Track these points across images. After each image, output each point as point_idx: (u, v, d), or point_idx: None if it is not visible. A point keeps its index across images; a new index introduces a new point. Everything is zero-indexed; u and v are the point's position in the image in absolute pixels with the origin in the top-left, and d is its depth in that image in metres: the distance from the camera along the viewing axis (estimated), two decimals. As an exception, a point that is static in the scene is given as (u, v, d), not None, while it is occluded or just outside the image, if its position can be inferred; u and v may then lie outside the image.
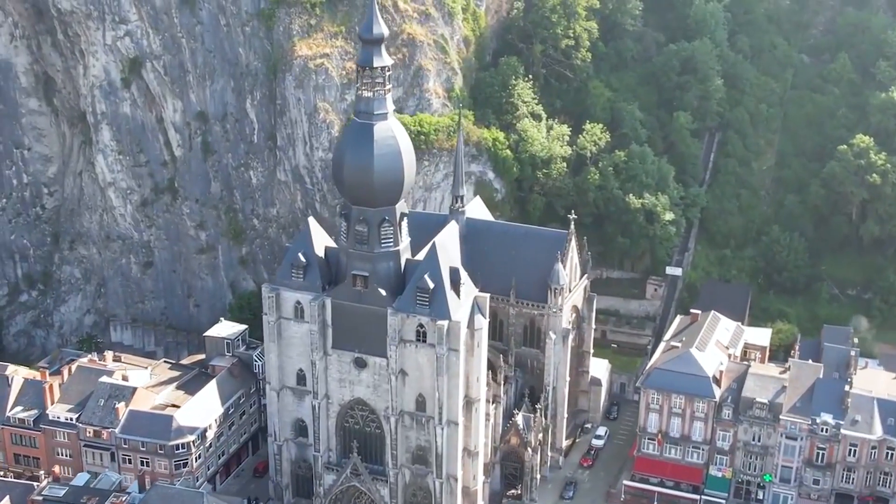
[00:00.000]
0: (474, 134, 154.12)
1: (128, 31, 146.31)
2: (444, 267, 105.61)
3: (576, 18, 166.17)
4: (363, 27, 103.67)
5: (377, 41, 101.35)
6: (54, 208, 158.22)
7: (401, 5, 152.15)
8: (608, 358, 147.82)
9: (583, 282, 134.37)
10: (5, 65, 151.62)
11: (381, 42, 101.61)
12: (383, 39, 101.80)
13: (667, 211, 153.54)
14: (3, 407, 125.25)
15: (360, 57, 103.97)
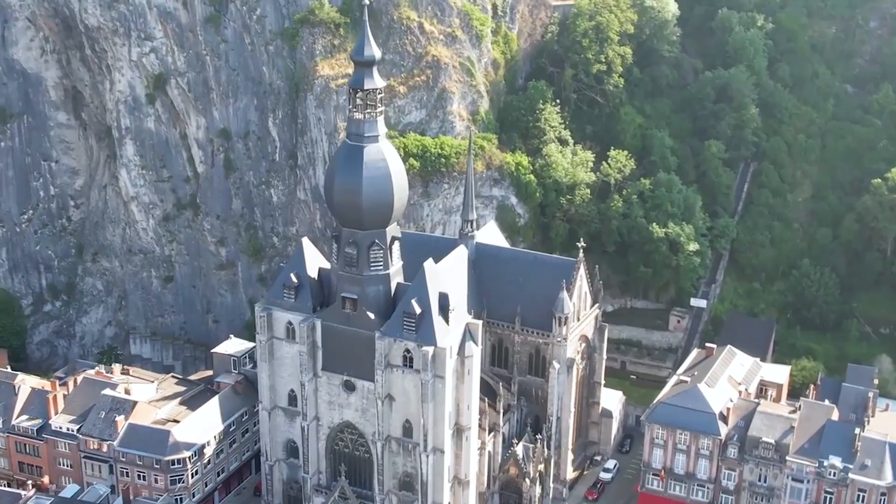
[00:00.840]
0: (497, 158, 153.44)
1: (153, 47, 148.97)
2: (432, 292, 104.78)
3: (608, 43, 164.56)
4: (355, 49, 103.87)
5: (369, 63, 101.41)
6: (80, 220, 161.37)
7: (427, 27, 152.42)
8: (624, 389, 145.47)
9: (593, 311, 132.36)
10: (35, 78, 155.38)
11: (373, 64, 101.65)
12: (375, 62, 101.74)
13: (691, 241, 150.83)
14: (9, 415, 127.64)
15: (351, 79, 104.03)
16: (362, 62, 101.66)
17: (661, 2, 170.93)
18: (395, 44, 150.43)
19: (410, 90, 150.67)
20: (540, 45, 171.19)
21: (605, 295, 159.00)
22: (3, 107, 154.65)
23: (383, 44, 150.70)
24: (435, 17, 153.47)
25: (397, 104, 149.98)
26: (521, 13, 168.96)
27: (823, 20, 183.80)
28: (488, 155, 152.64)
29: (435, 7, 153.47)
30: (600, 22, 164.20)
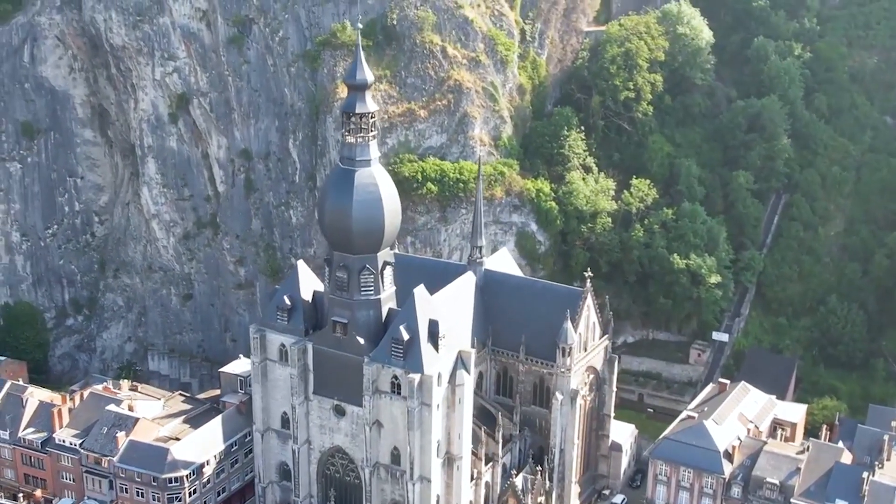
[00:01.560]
0: (517, 184, 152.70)
1: (176, 67, 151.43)
2: (421, 318, 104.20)
3: (637, 70, 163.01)
4: (348, 72, 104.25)
5: (361, 87, 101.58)
6: (103, 236, 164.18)
7: (450, 51, 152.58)
8: (639, 423, 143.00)
9: (603, 342, 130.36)
10: (63, 95, 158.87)
11: (366, 88, 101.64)
12: (367, 86, 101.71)
13: (713, 274, 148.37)
14: (16, 427, 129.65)
15: (344, 102, 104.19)
16: (354, 86, 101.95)
17: (694, 29, 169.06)
18: (417, 67, 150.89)
19: (431, 114, 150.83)
20: (570, 70, 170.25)
21: (626, 325, 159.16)
22: (30, 123, 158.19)
23: (405, 67, 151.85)
24: (459, 41, 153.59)
25: (417, 128, 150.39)
26: (551, 38, 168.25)
27: (864, 50, 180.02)
28: (508, 181, 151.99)
29: (459, 31, 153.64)
30: (629, 48, 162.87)
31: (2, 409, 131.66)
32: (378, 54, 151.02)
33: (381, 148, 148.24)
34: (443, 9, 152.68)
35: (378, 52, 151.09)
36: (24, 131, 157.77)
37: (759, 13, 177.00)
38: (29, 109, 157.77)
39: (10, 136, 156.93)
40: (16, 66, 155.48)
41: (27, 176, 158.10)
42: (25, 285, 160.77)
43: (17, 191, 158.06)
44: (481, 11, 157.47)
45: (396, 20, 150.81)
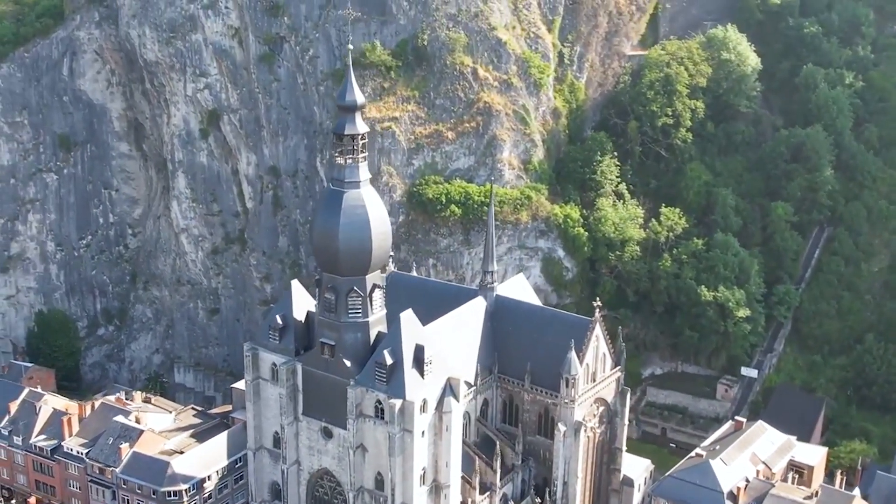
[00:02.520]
0: (544, 209, 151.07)
1: (207, 83, 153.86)
2: (406, 343, 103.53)
3: (676, 96, 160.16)
4: (339, 94, 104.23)
5: (350, 108, 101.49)
6: (136, 248, 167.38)
7: (480, 73, 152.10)
8: (660, 458, 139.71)
9: (614, 374, 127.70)
10: (101, 109, 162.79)
11: (356, 110, 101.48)
12: (357, 107, 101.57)
13: (741, 307, 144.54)
14: (29, 433, 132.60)
15: (335, 123, 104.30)
16: (345, 107, 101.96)
17: (740, 55, 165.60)
18: (447, 89, 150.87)
19: (459, 136, 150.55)
20: (611, 95, 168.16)
21: (654, 357, 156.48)
22: (68, 135, 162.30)
23: (434, 88, 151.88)
24: (491, 63, 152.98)
25: (445, 150, 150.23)
26: (591, 62, 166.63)
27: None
28: (535, 205, 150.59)
29: (492, 53, 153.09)
30: (669, 74, 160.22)
31: (17, 416, 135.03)
32: (407, 75, 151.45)
33: (406, 169, 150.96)
34: (475, 30, 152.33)
35: (407, 73, 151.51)
36: (61, 143, 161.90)
37: (811, 40, 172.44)
38: (67, 122, 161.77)
39: (48, 148, 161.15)
40: (55, 80, 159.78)
41: (63, 187, 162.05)
42: (59, 294, 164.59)
43: (53, 201, 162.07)
44: (516, 34, 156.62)
45: (427, 41, 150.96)
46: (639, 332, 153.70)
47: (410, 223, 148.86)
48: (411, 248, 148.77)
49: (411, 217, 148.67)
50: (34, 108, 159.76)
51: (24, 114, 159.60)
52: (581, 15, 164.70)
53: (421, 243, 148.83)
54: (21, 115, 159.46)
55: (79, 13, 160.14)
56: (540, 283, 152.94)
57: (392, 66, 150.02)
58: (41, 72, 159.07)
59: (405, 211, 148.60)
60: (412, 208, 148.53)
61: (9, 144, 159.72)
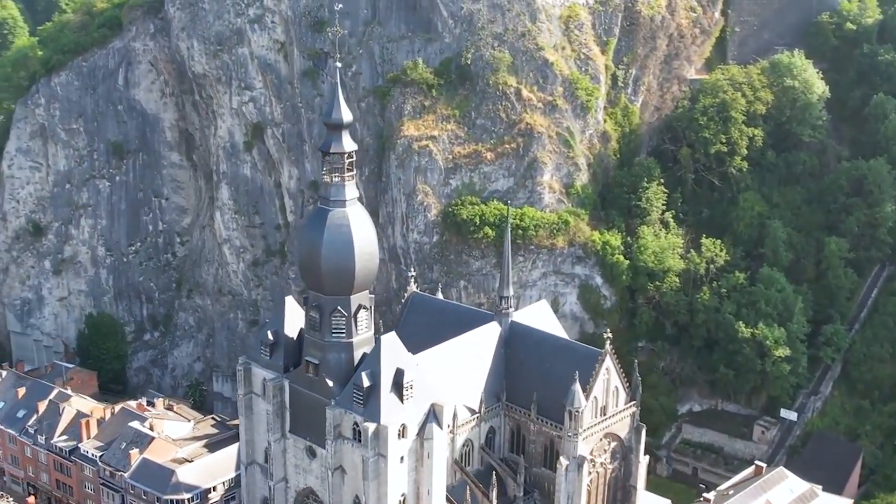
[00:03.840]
0: (582, 234, 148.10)
1: (252, 97, 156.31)
2: (386, 366, 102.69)
3: (732, 123, 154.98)
4: (325, 111, 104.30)
5: (336, 126, 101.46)
6: (183, 257, 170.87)
7: (524, 94, 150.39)
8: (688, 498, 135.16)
9: (629, 409, 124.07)
10: (154, 119, 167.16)
11: (342, 128, 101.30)
12: (343, 125, 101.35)
13: (780, 346, 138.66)
14: (52, 434, 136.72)
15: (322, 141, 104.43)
16: (330, 125, 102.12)
17: (805, 82, 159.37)
18: (488, 109, 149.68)
19: (498, 157, 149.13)
20: (669, 120, 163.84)
21: (693, 393, 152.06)
22: (121, 143, 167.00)
23: (476, 108, 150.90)
24: (536, 83, 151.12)
25: (483, 170, 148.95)
26: (648, 85, 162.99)
27: None
28: (573, 230, 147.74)
29: (537, 73, 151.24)
30: (724, 100, 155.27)
31: (43, 416, 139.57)
32: (449, 94, 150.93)
33: (443, 189, 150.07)
34: (521, 50, 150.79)
35: (450, 92, 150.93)
36: (114, 151, 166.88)
37: (885, 68, 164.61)
38: (120, 130, 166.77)
39: (102, 155, 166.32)
40: (111, 89, 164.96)
41: (115, 194, 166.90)
42: (108, 298, 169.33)
43: (105, 207, 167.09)
44: (566, 54, 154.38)
45: (471, 60, 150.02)
46: (675, 367, 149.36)
47: (444, 243, 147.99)
48: (443, 268, 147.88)
49: (445, 237, 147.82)
50: (90, 115, 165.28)
51: (80, 121, 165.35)
52: (638, 36, 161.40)
53: (453, 264, 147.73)
54: (77, 122, 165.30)
55: (135, 24, 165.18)
56: (576, 310, 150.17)
57: (434, 84, 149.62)
58: (98, 81, 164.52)
59: (439, 231, 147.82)
60: (446, 228, 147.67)
61: (65, 150, 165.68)
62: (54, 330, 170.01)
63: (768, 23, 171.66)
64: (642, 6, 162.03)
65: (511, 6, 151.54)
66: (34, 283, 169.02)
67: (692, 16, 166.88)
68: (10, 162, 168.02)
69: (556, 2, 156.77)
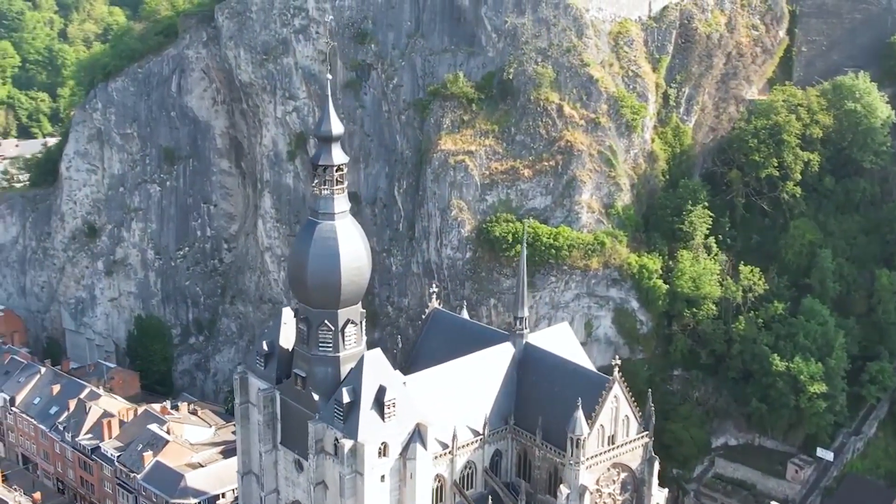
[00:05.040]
0: (618, 256, 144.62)
1: (296, 107, 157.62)
2: (367, 383, 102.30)
3: (785, 147, 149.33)
4: (316, 124, 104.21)
5: (326, 139, 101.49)
6: (229, 263, 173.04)
7: (566, 110, 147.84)
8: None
9: (640, 439, 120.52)
10: (205, 126, 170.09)
11: (330, 141, 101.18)
12: (333, 138, 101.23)
13: (816, 382, 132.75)
14: (78, 432, 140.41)
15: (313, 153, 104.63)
16: (319, 137, 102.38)
17: (868, 106, 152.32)
18: (528, 125, 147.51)
19: (536, 174, 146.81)
20: (725, 141, 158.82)
21: (729, 426, 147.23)
22: (172, 149, 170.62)
23: (515, 124, 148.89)
24: (579, 100, 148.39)
25: (520, 188, 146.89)
26: (702, 105, 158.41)
27: None
28: (609, 252, 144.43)
29: (581, 90, 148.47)
30: (777, 122, 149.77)
31: (72, 414, 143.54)
32: (490, 108, 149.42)
33: (479, 205, 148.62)
34: (565, 66, 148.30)
35: (490, 107, 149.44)
36: (165, 156, 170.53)
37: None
38: (172, 136, 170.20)
39: (153, 160, 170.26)
40: (164, 95, 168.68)
41: (165, 198, 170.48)
42: (156, 300, 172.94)
43: (155, 211, 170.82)
44: (613, 71, 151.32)
45: (513, 75, 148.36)
46: (710, 398, 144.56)
47: (476, 260, 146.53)
48: (474, 286, 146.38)
49: (478, 254, 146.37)
50: (143, 121, 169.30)
51: (134, 126, 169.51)
52: (694, 54, 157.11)
53: (484, 282, 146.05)
54: (131, 127, 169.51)
55: (188, 32, 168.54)
56: (611, 334, 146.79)
57: (474, 98, 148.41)
58: (152, 87, 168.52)
59: (472, 247, 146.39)
60: (479, 245, 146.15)
61: (119, 155, 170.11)
62: (105, 330, 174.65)
63: (837, 43, 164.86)
64: (699, 23, 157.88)
65: (557, 21, 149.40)
66: (88, 283, 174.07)
67: (754, 34, 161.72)
68: (69, 164, 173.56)
69: (606, 17, 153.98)
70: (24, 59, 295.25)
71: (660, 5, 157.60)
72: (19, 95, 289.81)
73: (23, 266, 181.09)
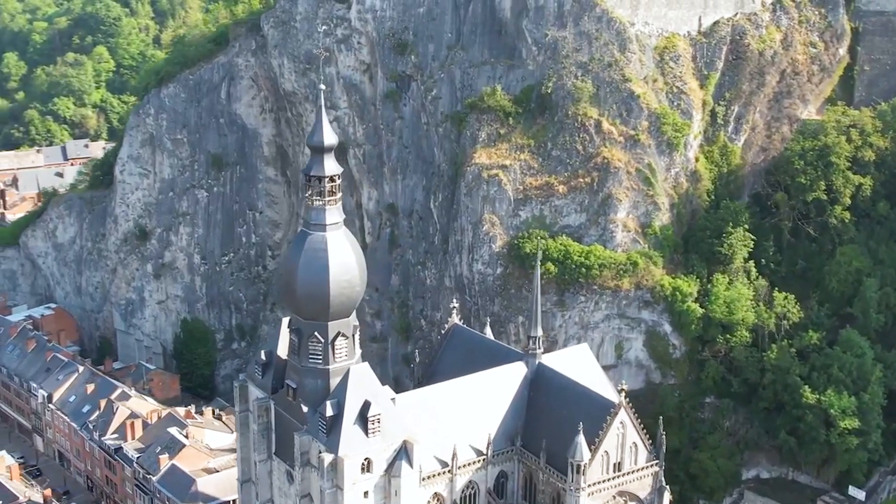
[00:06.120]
0: (650, 278, 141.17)
1: (337, 116, 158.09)
2: (352, 397, 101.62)
3: (834, 170, 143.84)
4: (309, 134, 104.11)
5: (319, 149, 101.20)
6: (273, 270, 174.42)
7: (605, 126, 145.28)
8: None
9: (650, 468, 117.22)
10: (253, 133, 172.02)
11: (323, 151, 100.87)
12: (324, 149, 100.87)
13: (848, 417, 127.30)
14: (104, 432, 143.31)
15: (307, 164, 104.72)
16: (312, 147, 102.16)
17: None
18: (565, 140, 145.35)
19: (571, 191, 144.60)
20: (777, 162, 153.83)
21: (761, 458, 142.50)
22: (220, 156, 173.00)
23: (552, 139, 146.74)
24: (619, 116, 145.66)
25: (554, 204, 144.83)
26: (753, 124, 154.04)
27: None
28: (642, 272, 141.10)
29: (621, 106, 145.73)
30: (826, 143, 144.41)
31: (101, 413, 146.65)
32: (527, 122, 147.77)
33: (511, 220, 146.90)
34: (606, 81, 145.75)
35: (528, 121, 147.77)
36: (214, 162, 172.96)
37: None
38: (220, 143, 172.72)
39: (202, 166, 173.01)
40: (213, 102, 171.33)
41: (212, 204, 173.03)
42: (201, 305, 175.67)
43: (202, 217, 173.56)
44: (656, 87, 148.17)
45: (552, 88, 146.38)
46: (740, 428, 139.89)
47: (507, 276, 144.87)
48: (504, 302, 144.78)
49: (508, 270, 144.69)
50: (193, 127, 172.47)
51: (183, 132, 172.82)
52: (745, 71, 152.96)
53: (513, 299, 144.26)
54: (181, 132, 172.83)
55: (238, 40, 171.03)
56: (642, 357, 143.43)
57: (511, 111, 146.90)
58: (202, 94, 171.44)
59: (503, 263, 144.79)
60: (510, 261, 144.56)
61: (170, 160, 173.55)
62: (153, 331, 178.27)
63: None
64: (751, 39, 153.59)
65: (599, 35, 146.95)
66: (137, 285, 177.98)
67: (811, 52, 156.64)
68: (123, 168, 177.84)
69: (652, 31, 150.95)
70: (118, 64, 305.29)
71: (710, 20, 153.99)
72: (112, 99, 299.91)
73: (79, 266, 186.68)
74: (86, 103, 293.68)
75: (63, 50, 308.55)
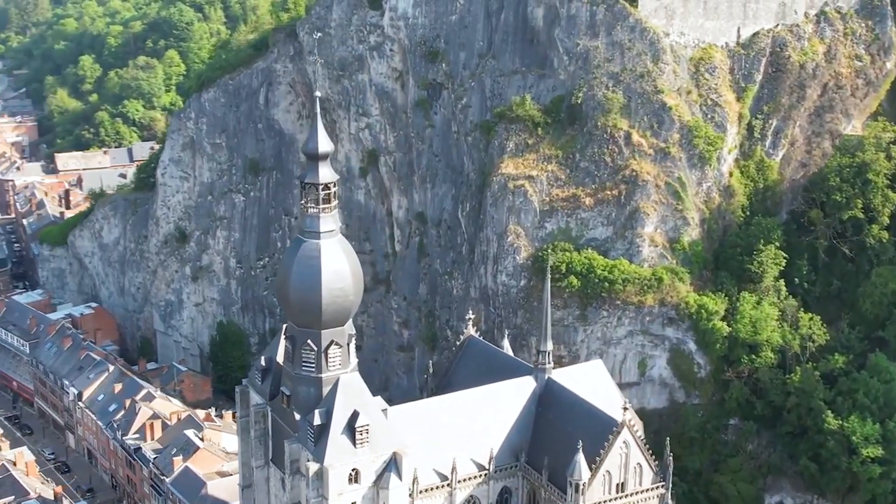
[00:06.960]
0: (675, 294, 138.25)
1: (369, 123, 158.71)
2: (340, 407, 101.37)
3: (871, 187, 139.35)
4: (304, 141, 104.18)
5: (313, 157, 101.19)
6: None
7: (634, 138, 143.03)
8: None
9: (655, 489, 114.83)
10: (290, 138, 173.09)
11: (317, 159, 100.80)
12: (319, 156, 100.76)
13: (871, 445, 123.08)
14: (126, 431, 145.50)
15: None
16: (307, 154, 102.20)
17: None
18: (593, 152, 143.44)
19: (597, 203, 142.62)
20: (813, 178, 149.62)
21: (785, 483, 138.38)
22: (257, 161, 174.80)
23: (581, 150, 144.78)
24: (650, 128, 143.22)
25: (581, 216, 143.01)
26: (792, 138, 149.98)
27: None
28: (666, 289, 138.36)
29: (652, 118, 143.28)
30: (864, 160, 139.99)
31: (125, 413, 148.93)
32: (556, 133, 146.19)
33: (537, 231, 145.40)
34: (637, 92, 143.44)
35: (557, 131, 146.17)
36: (251, 167, 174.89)
37: None
38: (258, 148, 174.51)
39: (239, 171, 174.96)
40: (252, 108, 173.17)
41: (248, 209, 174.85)
42: (236, 308, 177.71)
43: (239, 221, 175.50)
44: (690, 99, 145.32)
45: (582, 99, 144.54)
46: (763, 452, 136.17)
47: (530, 289, 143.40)
48: (526, 315, 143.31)
49: (532, 282, 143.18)
50: (231, 132, 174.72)
51: (222, 136, 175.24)
52: (784, 84, 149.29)
53: (536, 311, 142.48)
54: (220, 137, 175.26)
55: (276, 46, 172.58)
56: (666, 376, 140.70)
57: (540, 121, 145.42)
58: (241, 99, 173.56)
59: (527, 275, 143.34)
60: (534, 273, 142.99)
61: (209, 164, 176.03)
62: (191, 333, 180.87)
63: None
64: (792, 51, 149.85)
65: (632, 45, 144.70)
66: (176, 287, 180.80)
67: (856, 65, 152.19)
68: (164, 170, 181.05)
69: (688, 42, 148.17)
70: (188, 68, 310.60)
71: (750, 31, 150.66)
72: (180, 102, 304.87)
73: (122, 266, 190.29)
74: (155, 106, 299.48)
75: (136, 53, 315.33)
